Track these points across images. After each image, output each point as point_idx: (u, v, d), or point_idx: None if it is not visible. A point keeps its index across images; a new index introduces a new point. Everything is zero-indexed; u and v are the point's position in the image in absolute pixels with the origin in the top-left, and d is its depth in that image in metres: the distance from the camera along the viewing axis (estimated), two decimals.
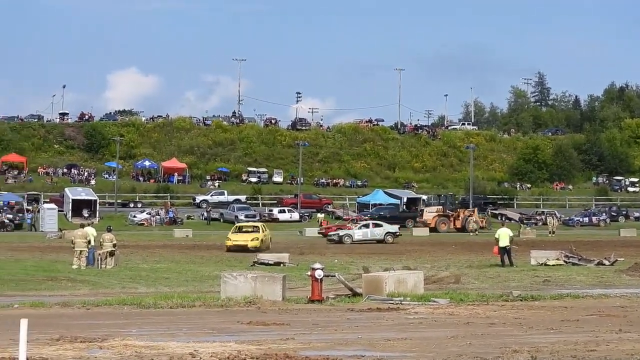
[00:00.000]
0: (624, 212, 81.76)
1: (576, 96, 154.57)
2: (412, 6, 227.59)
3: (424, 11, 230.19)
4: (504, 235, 34.86)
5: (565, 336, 14.31)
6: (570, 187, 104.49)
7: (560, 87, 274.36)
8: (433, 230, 67.61)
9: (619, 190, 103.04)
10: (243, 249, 44.32)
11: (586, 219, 77.51)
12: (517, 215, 77.39)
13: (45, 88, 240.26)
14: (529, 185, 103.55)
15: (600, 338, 14.02)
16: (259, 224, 49.90)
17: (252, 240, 45.32)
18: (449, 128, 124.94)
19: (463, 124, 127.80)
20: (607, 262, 35.07)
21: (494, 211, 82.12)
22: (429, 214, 70.86)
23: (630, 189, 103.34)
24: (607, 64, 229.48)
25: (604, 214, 79.90)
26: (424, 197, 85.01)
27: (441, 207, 71.93)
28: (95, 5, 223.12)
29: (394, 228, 56.94)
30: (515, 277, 29.41)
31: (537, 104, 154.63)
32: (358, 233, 55.59)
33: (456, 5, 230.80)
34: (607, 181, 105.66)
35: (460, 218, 69.55)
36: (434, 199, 77.34)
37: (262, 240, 46.00)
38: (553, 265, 34.25)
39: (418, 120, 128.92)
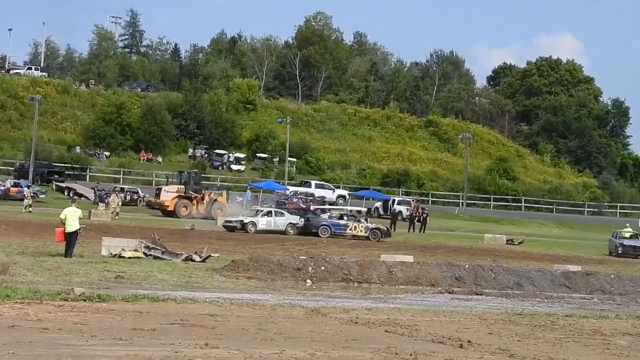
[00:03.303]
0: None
1: (176, 44, 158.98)
2: None
3: None
4: (72, 217, 34.48)
5: (137, 349, 14.47)
6: (160, 159, 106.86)
7: (157, 32, 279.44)
8: (171, 214, 69.44)
9: (221, 168, 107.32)
10: None
11: None
12: (90, 191, 77.42)
13: None
14: (107, 154, 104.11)
15: (180, 353, 14.35)
16: None
17: None
18: (11, 72, 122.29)
19: (29, 69, 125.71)
20: (197, 258, 36.25)
21: (60, 184, 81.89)
22: (168, 194, 71.88)
23: (235, 166, 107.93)
24: (216, 10, 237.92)
25: None
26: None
27: (183, 186, 73.00)
28: None
29: None
30: (80, 270, 29.36)
31: (127, 50, 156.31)
32: None
33: None
34: (206, 155, 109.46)
35: (204, 202, 71.52)
36: (176, 177, 77.57)
37: None
38: (130, 257, 34.68)
39: None
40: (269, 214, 62.87)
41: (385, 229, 64.11)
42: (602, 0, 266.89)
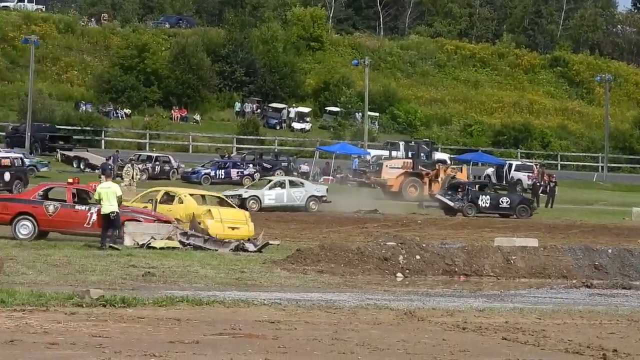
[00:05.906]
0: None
1: None
2: None
3: None
4: (109, 195, 34.69)
5: None
6: (198, 117, 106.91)
7: None
8: (395, 196, 71.03)
9: (278, 127, 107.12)
10: None
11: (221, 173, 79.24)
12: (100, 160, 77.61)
13: None
14: (127, 111, 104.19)
15: None
16: None
17: None
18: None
19: (21, 1, 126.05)
20: (251, 247, 36.47)
21: (67, 152, 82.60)
22: (391, 170, 73.33)
23: (297, 125, 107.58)
24: None
25: (258, 165, 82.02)
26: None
27: (410, 160, 74.25)
28: None
29: None
30: (97, 266, 29.64)
31: None
32: None
33: None
34: (259, 110, 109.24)
35: (439, 179, 71.95)
36: (404, 148, 79.24)
37: None
38: (162, 248, 34.92)
39: None
40: (281, 184, 62.74)
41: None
42: None
